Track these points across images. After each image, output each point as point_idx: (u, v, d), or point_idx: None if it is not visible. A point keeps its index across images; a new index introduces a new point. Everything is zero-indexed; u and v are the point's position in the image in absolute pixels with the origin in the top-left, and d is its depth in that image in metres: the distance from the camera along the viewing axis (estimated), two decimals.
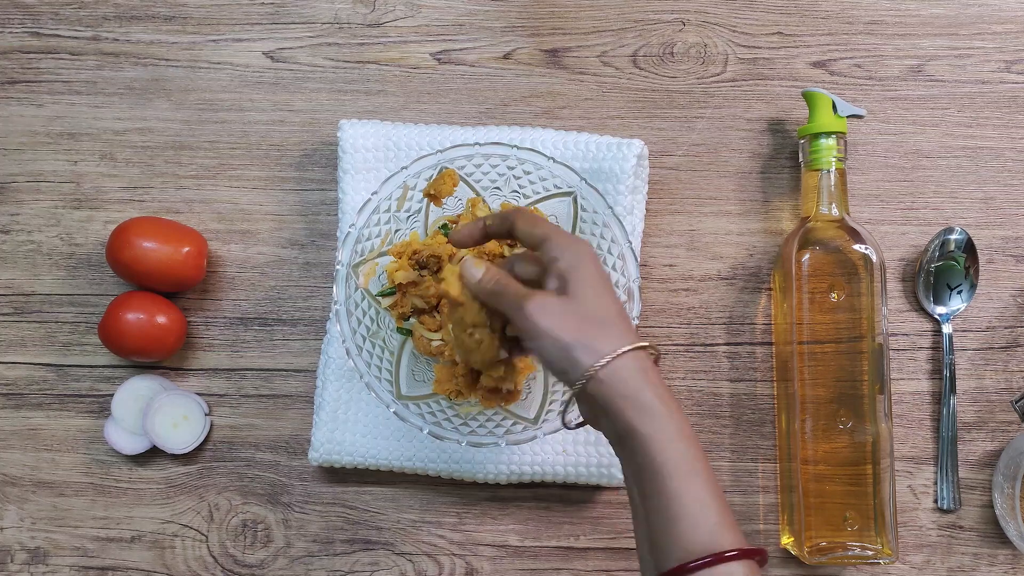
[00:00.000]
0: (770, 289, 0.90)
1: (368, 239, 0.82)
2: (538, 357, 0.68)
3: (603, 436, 0.78)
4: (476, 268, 0.71)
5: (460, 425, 0.81)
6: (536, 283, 0.71)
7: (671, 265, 0.90)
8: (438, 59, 0.92)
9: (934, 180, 0.90)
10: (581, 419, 0.72)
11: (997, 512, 0.87)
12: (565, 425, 0.74)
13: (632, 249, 0.80)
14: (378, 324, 0.83)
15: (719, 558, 0.62)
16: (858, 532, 0.83)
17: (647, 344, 0.68)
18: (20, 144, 0.92)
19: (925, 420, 0.89)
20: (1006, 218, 0.90)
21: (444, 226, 0.83)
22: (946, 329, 0.88)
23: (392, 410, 0.79)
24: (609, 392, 0.65)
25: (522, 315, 0.67)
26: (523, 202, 0.84)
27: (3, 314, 0.91)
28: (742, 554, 0.62)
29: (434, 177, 0.81)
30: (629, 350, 0.66)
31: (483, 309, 0.71)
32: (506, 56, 0.92)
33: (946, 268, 0.88)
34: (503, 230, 0.73)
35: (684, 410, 0.69)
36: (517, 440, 0.79)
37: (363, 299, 0.82)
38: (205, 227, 0.91)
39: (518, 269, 0.72)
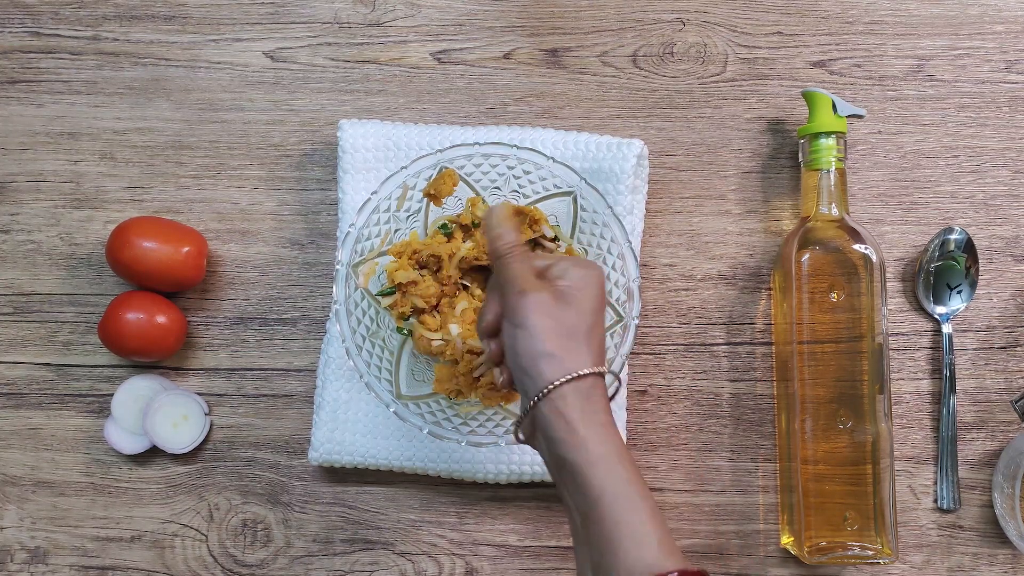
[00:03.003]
0: (770, 289, 0.90)
1: (368, 239, 0.82)
2: (508, 347, 0.67)
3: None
4: (504, 223, 0.70)
5: (460, 425, 0.81)
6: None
7: (671, 265, 0.90)
8: (438, 59, 0.92)
9: (934, 180, 0.90)
10: (523, 436, 0.69)
11: (997, 512, 0.87)
12: (516, 437, 0.70)
13: (632, 249, 0.80)
14: (378, 324, 0.83)
15: None
16: (858, 532, 0.83)
17: (604, 371, 0.67)
18: (20, 144, 0.92)
19: (925, 420, 0.89)
20: (1006, 218, 0.90)
21: (444, 226, 0.83)
22: (946, 329, 0.88)
23: (392, 410, 0.79)
24: (552, 413, 0.65)
25: (519, 299, 0.66)
26: (523, 202, 0.84)
27: (3, 314, 0.91)
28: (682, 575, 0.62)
29: (434, 177, 0.81)
30: (588, 374, 0.66)
31: None
32: (506, 56, 0.92)
33: (946, 268, 0.88)
34: None
35: (620, 436, 0.67)
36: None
37: (363, 299, 0.82)
38: (205, 227, 0.91)
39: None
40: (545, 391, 0.65)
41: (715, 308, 0.90)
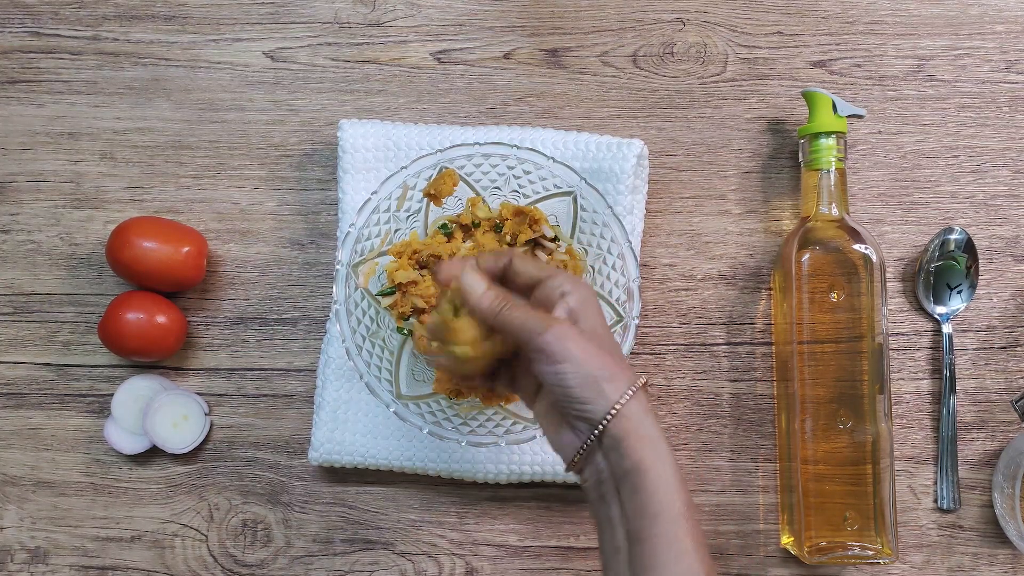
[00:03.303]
0: (770, 289, 0.90)
1: (368, 239, 0.82)
2: (556, 384, 0.65)
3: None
4: (478, 282, 0.67)
5: (460, 425, 0.81)
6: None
7: (671, 265, 0.90)
8: (438, 59, 0.92)
9: (934, 180, 0.90)
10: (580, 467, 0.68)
11: (997, 512, 0.87)
12: (574, 471, 0.69)
13: (632, 249, 0.80)
14: (378, 324, 0.83)
15: None
16: (858, 532, 0.83)
17: (647, 377, 0.68)
18: (20, 144, 0.92)
19: (925, 420, 0.89)
20: (1006, 218, 0.90)
21: (444, 226, 0.83)
22: (946, 329, 0.88)
23: (392, 410, 0.79)
24: (627, 427, 0.64)
25: (546, 339, 0.64)
26: (523, 202, 0.84)
27: (3, 314, 0.91)
28: None
29: (434, 177, 0.81)
30: (641, 384, 0.66)
31: (479, 325, 0.67)
32: (506, 56, 0.92)
33: (946, 268, 0.88)
34: (496, 269, 0.70)
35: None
36: (517, 440, 0.79)
37: (363, 299, 0.82)
38: (205, 227, 0.91)
39: (518, 266, 0.70)
40: (613, 412, 0.64)
41: (715, 308, 0.90)
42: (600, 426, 0.65)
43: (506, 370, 0.72)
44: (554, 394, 0.66)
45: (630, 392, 0.65)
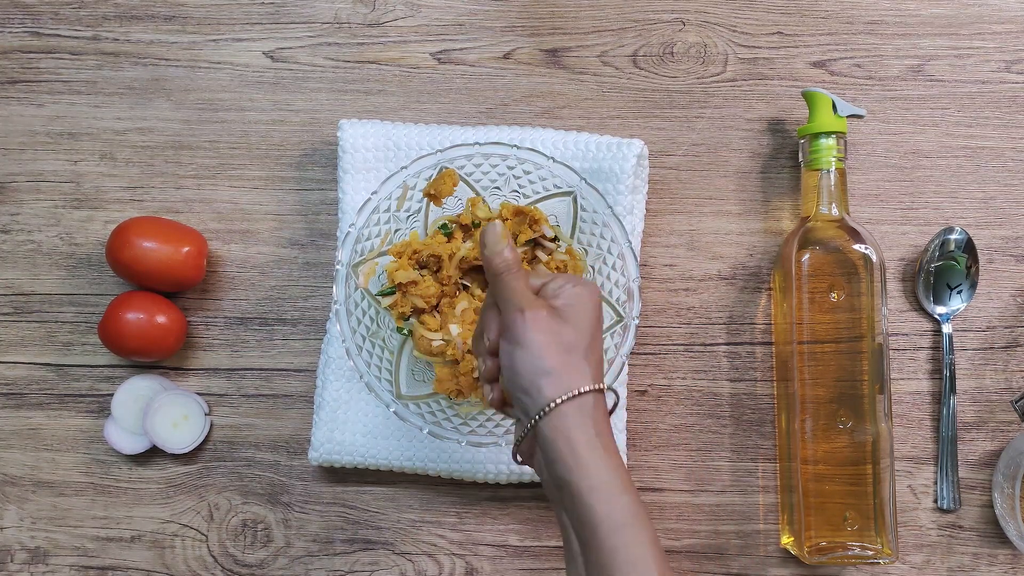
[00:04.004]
0: (770, 289, 0.90)
1: (368, 239, 0.82)
2: (507, 365, 0.66)
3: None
4: (501, 241, 0.68)
5: (460, 425, 0.81)
6: None
7: (671, 265, 0.90)
8: (438, 59, 0.92)
9: (934, 180, 0.90)
10: (521, 457, 0.69)
11: (997, 512, 0.87)
12: (515, 459, 0.70)
13: (632, 249, 0.80)
14: (378, 324, 0.83)
15: None
16: (858, 532, 0.83)
17: (603, 387, 0.66)
18: (20, 144, 0.92)
19: (925, 420, 0.89)
20: (1006, 218, 0.90)
21: (444, 226, 0.83)
22: (946, 329, 0.88)
23: (392, 410, 0.79)
24: (553, 433, 0.64)
25: (516, 317, 0.66)
26: (523, 202, 0.84)
27: (3, 314, 0.91)
28: None
29: (434, 177, 0.81)
30: (588, 391, 0.65)
31: None
32: (506, 56, 0.92)
33: (946, 268, 0.88)
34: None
35: (622, 459, 0.65)
36: None
37: (363, 299, 0.82)
38: (205, 227, 0.91)
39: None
40: (546, 410, 0.64)
41: (715, 308, 0.90)
42: (533, 420, 0.64)
43: None
44: (505, 375, 0.66)
45: (569, 394, 0.64)
